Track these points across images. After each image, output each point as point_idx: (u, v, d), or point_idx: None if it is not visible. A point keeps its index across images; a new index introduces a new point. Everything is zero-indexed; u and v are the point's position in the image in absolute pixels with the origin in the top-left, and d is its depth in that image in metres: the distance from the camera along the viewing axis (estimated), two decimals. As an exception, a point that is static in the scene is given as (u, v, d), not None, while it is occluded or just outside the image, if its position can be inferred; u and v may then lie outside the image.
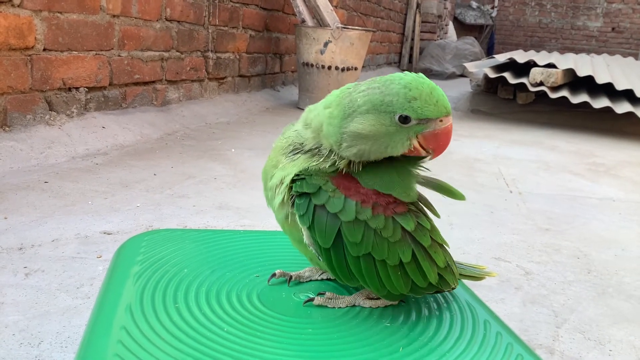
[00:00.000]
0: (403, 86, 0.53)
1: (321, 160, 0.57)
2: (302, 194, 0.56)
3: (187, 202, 1.61)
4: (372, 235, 0.55)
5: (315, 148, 0.58)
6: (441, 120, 0.54)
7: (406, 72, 0.56)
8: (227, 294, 0.61)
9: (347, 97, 0.55)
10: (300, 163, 0.58)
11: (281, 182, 0.58)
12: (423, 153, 0.56)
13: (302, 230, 0.57)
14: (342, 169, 0.57)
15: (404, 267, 0.56)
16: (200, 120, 2.82)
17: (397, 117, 0.53)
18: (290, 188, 0.57)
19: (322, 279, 0.68)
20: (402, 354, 0.52)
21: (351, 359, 0.51)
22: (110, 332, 0.51)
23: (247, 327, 0.55)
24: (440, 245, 0.59)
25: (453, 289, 0.61)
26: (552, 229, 1.65)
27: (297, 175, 0.57)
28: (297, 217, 0.57)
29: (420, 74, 0.56)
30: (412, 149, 0.56)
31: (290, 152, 0.59)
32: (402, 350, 0.53)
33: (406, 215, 0.56)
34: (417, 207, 0.58)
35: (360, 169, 0.57)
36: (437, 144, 0.55)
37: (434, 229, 0.59)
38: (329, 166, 0.57)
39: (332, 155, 0.57)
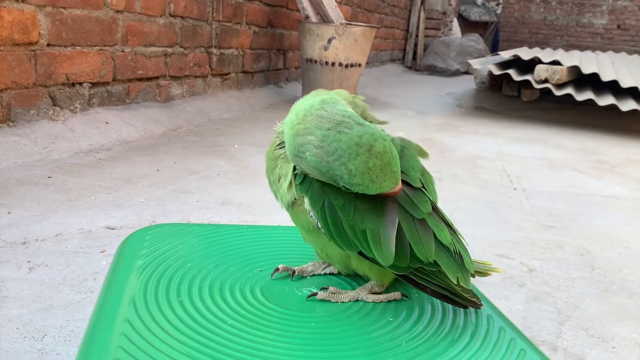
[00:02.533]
0: (348, 169, 0.50)
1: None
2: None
3: (191, 197, 1.61)
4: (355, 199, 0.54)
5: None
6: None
7: (364, 133, 0.50)
8: (230, 288, 0.61)
9: (299, 137, 0.52)
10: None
11: (284, 177, 0.59)
12: None
13: (305, 201, 0.57)
14: None
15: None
16: (203, 116, 2.82)
17: (341, 185, 0.52)
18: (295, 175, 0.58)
19: (325, 274, 0.68)
20: (405, 348, 0.52)
21: (354, 352, 0.51)
22: (114, 324, 0.51)
23: (250, 320, 0.55)
24: (450, 227, 0.59)
25: (475, 303, 0.59)
26: (556, 226, 1.65)
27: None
28: (297, 188, 0.58)
29: (380, 139, 0.50)
30: None
31: (277, 145, 0.61)
32: (405, 344, 0.53)
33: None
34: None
35: None
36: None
37: (438, 210, 0.59)
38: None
39: None
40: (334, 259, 0.63)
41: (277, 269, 0.65)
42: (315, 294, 0.61)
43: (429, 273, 0.58)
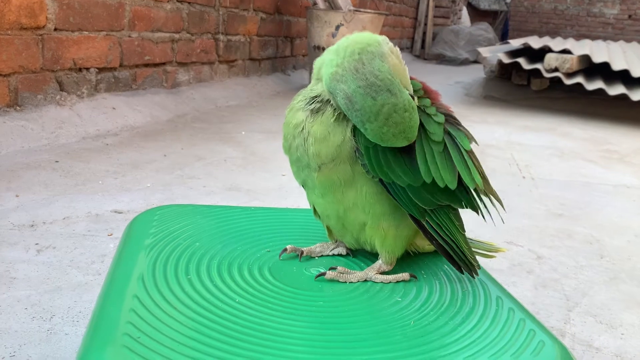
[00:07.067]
0: (364, 127, 0.55)
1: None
2: None
3: (197, 183, 1.61)
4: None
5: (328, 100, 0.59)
6: None
7: (387, 103, 0.53)
8: (238, 267, 0.61)
9: (334, 81, 0.55)
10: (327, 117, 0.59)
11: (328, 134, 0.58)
12: None
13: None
14: None
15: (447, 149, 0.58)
16: (210, 103, 2.82)
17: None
18: None
19: (333, 255, 0.67)
20: (413, 327, 0.52)
21: (362, 330, 0.50)
22: (123, 300, 0.51)
23: (258, 298, 0.55)
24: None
25: (475, 269, 0.62)
26: (565, 214, 1.64)
27: None
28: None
29: (401, 110, 0.53)
30: None
31: (307, 104, 0.60)
32: (414, 323, 0.52)
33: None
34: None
35: None
36: None
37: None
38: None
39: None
40: (348, 229, 0.62)
41: (285, 250, 0.65)
42: (323, 274, 0.61)
43: (442, 221, 0.60)
